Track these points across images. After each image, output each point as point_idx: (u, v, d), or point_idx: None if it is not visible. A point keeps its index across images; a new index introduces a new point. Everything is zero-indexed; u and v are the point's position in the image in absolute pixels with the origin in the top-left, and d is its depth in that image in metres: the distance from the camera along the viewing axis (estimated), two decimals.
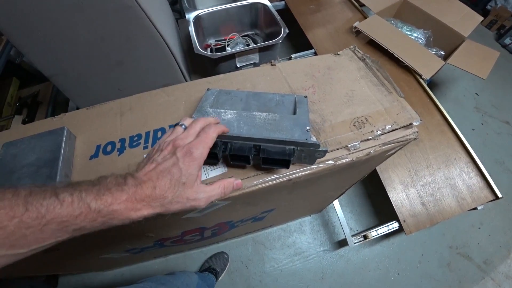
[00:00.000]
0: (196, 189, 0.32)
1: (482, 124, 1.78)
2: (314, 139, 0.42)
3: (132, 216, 0.29)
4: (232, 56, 1.14)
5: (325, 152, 0.43)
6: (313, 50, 1.48)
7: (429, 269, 1.28)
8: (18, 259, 0.25)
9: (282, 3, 1.78)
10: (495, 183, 1.06)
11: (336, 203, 1.21)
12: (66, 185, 0.27)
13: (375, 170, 1.10)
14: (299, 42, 1.83)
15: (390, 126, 0.53)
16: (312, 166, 0.47)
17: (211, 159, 0.44)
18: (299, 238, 1.31)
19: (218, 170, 0.46)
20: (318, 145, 0.41)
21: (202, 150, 0.33)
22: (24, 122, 1.39)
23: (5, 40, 1.33)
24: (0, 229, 0.22)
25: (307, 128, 0.43)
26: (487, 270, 1.31)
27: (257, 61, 1.23)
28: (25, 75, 1.61)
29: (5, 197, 0.23)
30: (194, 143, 0.33)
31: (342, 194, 1.01)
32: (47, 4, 0.73)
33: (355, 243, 1.13)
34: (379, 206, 1.41)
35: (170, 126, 0.54)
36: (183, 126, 0.37)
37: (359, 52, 0.67)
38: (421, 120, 0.56)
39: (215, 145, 0.42)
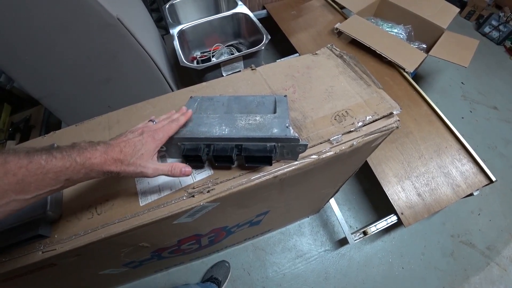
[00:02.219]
0: (149, 161, 0.40)
1: (471, 112, 1.81)
2: (295, 134, 0.43)
3: (104, 169, 0.36)
4: (218, 66, 1.16)
5: (305, 146, 0.44)
6: (297, 54, 1.51)
7: (433, 260, 1.28)
8: (23, 205, 0.30)
9: (264, 11, 1.83)
10: (489, 168, 1.07)
11: (333, 202, 1.21)
12: (49, 149, 0.32)
13: (368, 165, 1.12)
14: (284, 48, 1.87)
15: (370, 117, 0.55)
16: (296, 162, 0.48)
17: (196, 162, 0.46)
18: (299, 240, 1.31)
19: (204, 173, 0.47)
20: (298, 139, 0.42)
21: (162, 136, 0.41)
22: None
23: None
24: (13, 176, 0.28)
25: (287, 124, 0.45)
26: (491, 256, 1.31)
27: (242, 69, 1.25)
28: (17, 100, 1.62)
29: (9, 154, 0.29)
30: (157, 130, 0.42)
31: (337, 191, 1.01)
32: (33, 28, 0.76)
33: (355, 240, 1.13)
34: (376, 201, 1.41)
35: None
36: (154, 122, 0.45)
37: (336, 49, 0.70)
38: (401, 109, 0.58)
39: (198, 148, 0.43)
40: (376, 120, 0.55)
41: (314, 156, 0.49)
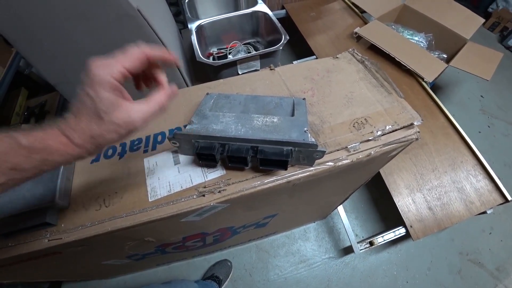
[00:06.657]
0: (127, 111, 0.28)
1: (489, 127, 1.75)
2: (312, 139, 0.41)
3: (72, 152, 0.27)
4: (234, 64, 1.15)
5: (323, 152, 0.42)
6: (314, 57, 1.49)
7: (439, 277, 1.24)
8: None
9: (283, 11, 1.81)
10: (504, 186, 1.03)
11: (340, 209, 1.19)
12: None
13: (379, 175, 1.09)
14: (300, 49, 1.84)
15: (390, 127, 0.53)
16: (311, 168, 0.46)
17: (209, 161, 0.45)
18: (303, 245, 1.29)
19: (216, 173, 0.46)
20: (316, 145, 0.40)
21: (106, 71, 0.27)
22: None
23: (14, 51, 1.37)
24: None
25: (305, 129, 0.43)
26: (500, 277, 1.26)
27: (259, 68, 1.24)
28: (34, 85, 1.65)
29: None
30: (96, 63, 0.27)
31: (346, 199, 0.99)
32: (53, 15, 0.76)
33: (361, 250, 1.11)
34: (385, 212, 1.38)
35: (170, 130, 0.54)
36: None
37: (357, 54, 0.67)
38: (422, 120, 0.55)
39: (212, 147, 0.42)
40: (395, 130, 0.53)
41: (330, 163, 0.47)
